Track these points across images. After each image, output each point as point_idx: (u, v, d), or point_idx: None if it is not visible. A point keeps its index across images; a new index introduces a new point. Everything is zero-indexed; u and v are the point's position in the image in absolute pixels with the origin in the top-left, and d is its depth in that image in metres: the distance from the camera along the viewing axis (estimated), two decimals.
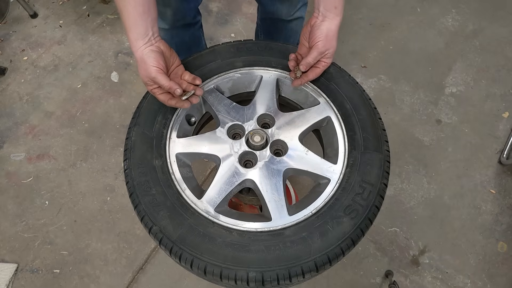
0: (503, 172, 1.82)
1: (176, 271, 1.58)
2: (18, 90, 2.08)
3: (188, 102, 0.93)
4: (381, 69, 2.12)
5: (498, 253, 1.64)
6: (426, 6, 2.38)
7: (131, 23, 0.87)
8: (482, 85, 2.08)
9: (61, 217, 1.72)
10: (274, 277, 0.78)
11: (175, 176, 0.90)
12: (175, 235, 0.82)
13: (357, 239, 0.83)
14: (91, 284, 1.58)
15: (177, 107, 0.94)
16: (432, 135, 1.92)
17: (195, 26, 1.54)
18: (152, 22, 0.89)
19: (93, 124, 1.96)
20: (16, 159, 1.87)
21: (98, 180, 1.81)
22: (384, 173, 0.89)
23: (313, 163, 0.93)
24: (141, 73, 0.90)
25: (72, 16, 2.35)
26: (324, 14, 0.91)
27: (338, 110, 0.98)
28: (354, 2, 2.38)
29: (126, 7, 0.85)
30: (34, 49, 2.22)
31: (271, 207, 0.87)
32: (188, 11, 1.43)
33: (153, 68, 0.87)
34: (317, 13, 0.93)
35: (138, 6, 0.86)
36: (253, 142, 0.93)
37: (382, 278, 1.58)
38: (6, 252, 1.65)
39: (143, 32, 0.88)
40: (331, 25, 0.92)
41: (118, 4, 0.87)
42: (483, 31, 2.27)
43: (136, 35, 0.87)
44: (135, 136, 0.94)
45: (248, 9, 2.36)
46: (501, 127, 1.95)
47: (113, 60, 2.18)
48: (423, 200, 1.75)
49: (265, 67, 1.05)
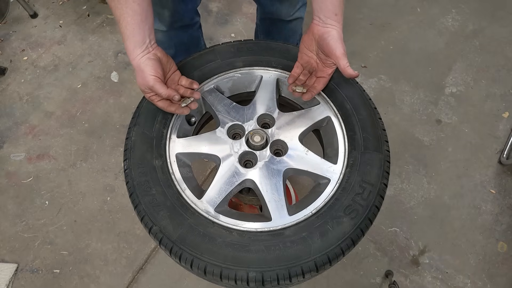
0: (503, 172, 1.82)
1: (176, 271, 1.58)
2: (18, 90, 2.08)
3: (187, 108, 0.94)
4: (381, 69, 2.12)
5: (498, 253, 1.64)
6: (426, 6, 2.38)
7: (129, 32, 0.86)
8: (482, 85, 2.08)
9: (61, 217, 1.72)
10: (274, 277, 0.78)
11: (175, 176, 0.90)
12: (175, 235, 0.82)
13: (357, 239, 0.83)
14: (91, 284, 1.58)
15: (176, 113, 0.95)
16: (432, 135, 1.92)
17: (194, 27, 1.54)
18: (149, 30, 0.89)
19: (93, 124, 1.96)
20: (16, 159, 1.87)
21: (98, 180, 1.81)
22: (384, 173, 0.89)
23: (313, 163, 0.93)
24: (138, 82, 0.90)
25: (72, 16, 2.35)
26: (325, 21, 0.90)
27: (338, 110, 0.98)
28: (355, 2, 2.38)
29: (123, 16, 0.85)
30: (34, 49, 2.22)
31: (271, 207, 0.87)
32: (186, 13, 1.42)
33: (151, 77, 0.87)
34: (317, 20, 0.91)
35: (136, 16, 0.85)
36: (253, 142, 0.93)
37: (382, 278, 1.58)
38: (6, 252, 1.65)
39: (140, 40, 0.87)
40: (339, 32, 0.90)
41: (115, 14, 0.86)
42: (483, 31, 2.27)
43: (134, 43, 0.87)
44: (135, 136, 0.94)
45: (248, 9, 2.36)
46: (501, 127, 1.95)
47: (113, 60, 2.18)
48: (423, 200, 1.75)
49: (265, 67, 1.05)
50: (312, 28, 0.93)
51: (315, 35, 0.92)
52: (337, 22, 0.90)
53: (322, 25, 0.90)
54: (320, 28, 0.91)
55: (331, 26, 0.90)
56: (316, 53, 0.95)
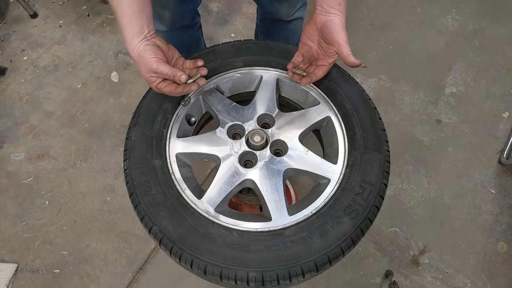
0: (503, 172, 1.82)
1: (176, 271, 1.58)
2: (18, 90, 2.08)
3: (195, 84, 0.91)
4: (381, 69, 2.12)
5: (498, 253, 1.64)
6: (426, 6, 2.38)
7: (126, 22, 0.85)
8: (482, 85, 2.08)
9: (61, 217, 1.72)
10: (274, 277, 0.78)
11: (175, 176, 0.90)
12: (175, 235, 0.82)
13: (357, 239, 0.83)
14: (91, 284, 1.58)
15: (184, 92, 0.91)
16: (432, 135, 1.92)
17: (194, 27, 1.54)
18: (147, 20, 0.87)
19: (93, 124, 1.96)
20: (16, 159, 1.87)
21: (98, 180, 1.81)
22: (384, 173, 0.89)
23: (313, 163, 0.93)
24: (141, 70, 0.88)
25: (72, 16, 2.35)
26: (329, 10, 0.89)
27: (338, 110, 0.98)
28: (354, 2, 2.38)
29: (120, 5, 0.84)
30: (34, 49, 2.22)
31: (271, 207, 0.87)
32: (187, 13, 1.42)
33: (152, 59, 0.85)
34: (320, 10, 0.90)
35: (133, 4, 0.84)
36: (253, 142, 0.93)
37: (382, 278, 1.58)
38: (6, 252, 1.65)
39: (138, 30, 0.86)
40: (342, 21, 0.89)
41: (112, 4, 0.85)
42: (483, 31, 2.27)
43: (132, 33, 0.86)
44: (135, 136, 0.94)
45: (248, 9, 2.36)
46: (501, 127, 1.95)
47: (113, 60, 2.18)
48: (423, 200, 1.75)
49: (265, 67, 1.05)
50: (314, 17, 0.92)
51: (318, 23, 0.91)
52: (340, 12, 0.89)
53: (325, 14, 0.89)
54: (323, 17, 0.90)
55: (334, 14, 0.89)
56: (318, 42, 0.94)
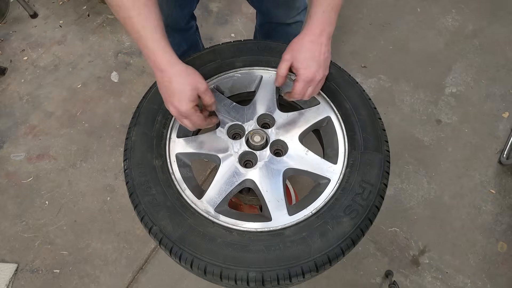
0: (503, 172, 1.82)
1: (176, 271, 1.58)
2: (18, 90, 2.08)
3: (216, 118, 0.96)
4: (381, 69, 2.12)
5: (498, 253, 1.64)
6: (426, 6, 2.37)
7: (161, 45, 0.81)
8: (482, 85, 2.08)
9: (61, 217, 1.72)
10: (274, 277, 0.78)
11: (175, 176, 0.90)
12: (175, 235, 0.82)
13: (357, 239, 0.83)
14: (91, 284, 1.58)
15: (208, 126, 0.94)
16: (432, 135, 1.92)
17: (189, 31, 1.53)
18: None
19: (93, 124, 1.96)
20: (16, 159, 1.87)
21: (98, 180, 1.81)
22: (384, 173, 0.89)
23: (313, 163, 0.93)
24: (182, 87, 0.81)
25: (72, 16, 2.35)
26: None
27: (338, 110, 0.98)
28: (354, 2, 2.38)
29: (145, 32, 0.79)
30: (34, 49, 2.22)
31: (271, 207, 0.87)
32: (182, 17, 1.42)
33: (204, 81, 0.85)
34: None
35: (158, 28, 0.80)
36: (253, 142, 0.93)
37: (382, 278, 1.58)
38: (6, 252, 1.65)
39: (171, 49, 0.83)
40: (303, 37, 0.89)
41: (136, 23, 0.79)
42: (483, 31, 2.27)
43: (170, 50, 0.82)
44: (135, 136, 0.94)
45: (248, 9, 2.35)
46: (501, 127, 1.95)
47: (113, 60, 2.18)
48: (423, 200, 1.75)
49: (265, 67, 1.05)
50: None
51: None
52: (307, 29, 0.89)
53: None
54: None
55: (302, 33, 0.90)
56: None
